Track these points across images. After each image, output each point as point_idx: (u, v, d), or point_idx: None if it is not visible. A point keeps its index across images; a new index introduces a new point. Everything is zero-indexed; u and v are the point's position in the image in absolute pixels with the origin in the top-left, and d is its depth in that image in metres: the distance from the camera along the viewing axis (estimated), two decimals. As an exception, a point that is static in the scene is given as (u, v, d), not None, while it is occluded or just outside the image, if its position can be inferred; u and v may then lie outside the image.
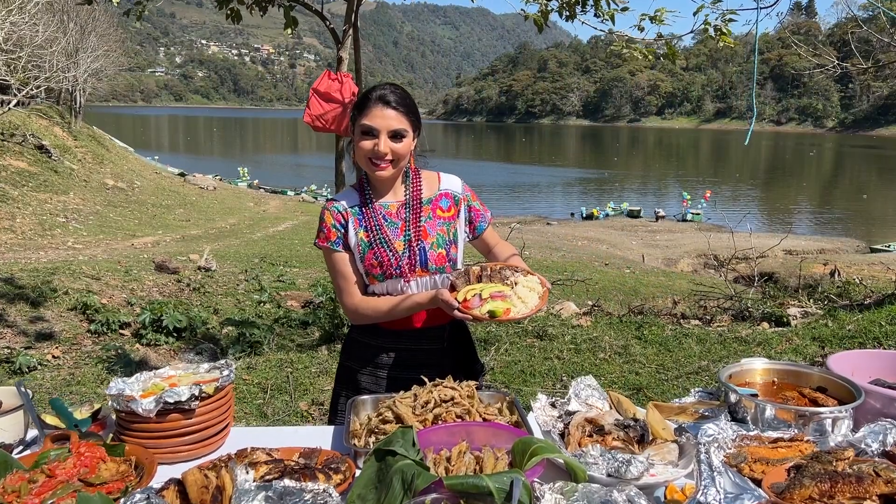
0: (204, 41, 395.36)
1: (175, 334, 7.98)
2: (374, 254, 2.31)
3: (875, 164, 68.36)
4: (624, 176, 54.01)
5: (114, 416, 1.81)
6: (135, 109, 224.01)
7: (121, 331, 8.10)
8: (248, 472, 1.35)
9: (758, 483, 1.47)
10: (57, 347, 7.39)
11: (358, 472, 1.59)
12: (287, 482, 1.39)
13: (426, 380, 2.01)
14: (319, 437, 1.94)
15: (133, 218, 19.62)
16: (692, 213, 31.58)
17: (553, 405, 1.97)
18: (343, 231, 2.36)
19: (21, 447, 1.78)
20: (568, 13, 4.82)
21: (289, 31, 5.42)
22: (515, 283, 2.12)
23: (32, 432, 1.84)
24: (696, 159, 79.09)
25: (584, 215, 32.28)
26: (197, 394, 1.72)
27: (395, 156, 2.26)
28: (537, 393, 2.02)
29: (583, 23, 4.89)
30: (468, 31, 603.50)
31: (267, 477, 1.47)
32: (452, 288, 2.18)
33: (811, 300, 6.81)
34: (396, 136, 2.24)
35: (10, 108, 19.37)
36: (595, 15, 4.85)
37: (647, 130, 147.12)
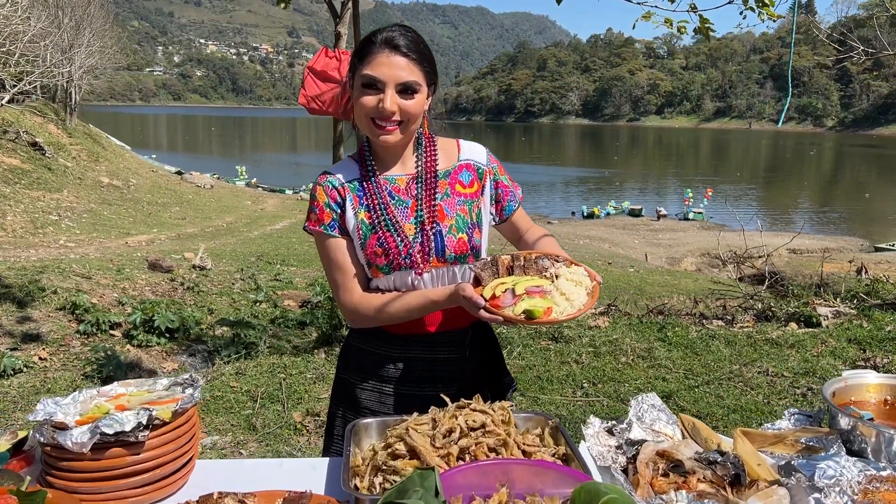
0: (202, 40, 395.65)
1: (167, 335, 7.67)
2: (378, 239, 1.88)
3: (876, 164, 68.20)
4: (624, 175, 53.68)
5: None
6: (133, 109, 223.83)
7: (111, 331, 7.79)
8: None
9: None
10: (44, 349, 7.07)
11: (360, 528, 1.18)
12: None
13: (447, 399, 1.58)
14: (310, 473, 1.51)
15: (128, 216, 19.24)
16: (694, 212, 31.31)
17: (610, 432, 1.54)
18: (339, 211, 1.92)
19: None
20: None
21: (282, 5, 5.01)
22: (557, 276, 1.69)
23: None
24: (697, 158, 78.85)
25: (585, 214, 31.95)
26: (146, 421, 1.29)
27: (404, 116, 1.80)
28: (589, 417, 1.59)
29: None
30: (467, 31, 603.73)
31: (235, 540, 1.06)
32: (477, 282, 1.75)
33: (837, 299, 6.42)
34: (406, 90, 1.78)
35: (2, 105, 18.98)
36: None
37: (646, 129, 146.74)
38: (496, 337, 2.16)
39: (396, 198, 1.92)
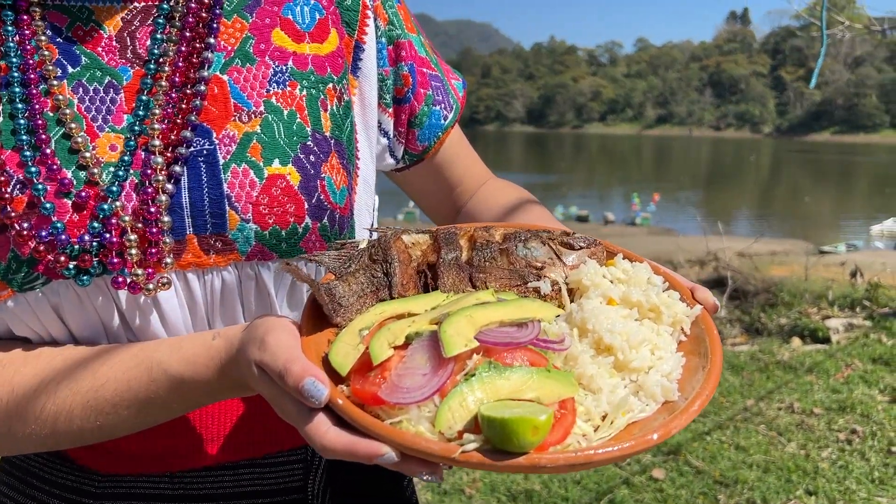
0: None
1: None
2: None
3: (812, 168, 70.25)
4: (571, 181, 53.54)
5: None
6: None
7: None
8: None
9: None
10: None
11: None
12: None
13: None
14: None
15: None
16: (641, 217, 31.19)
17: None
18: None
19: None
20: None
21: None
22: (579, 291, 0.60)
23: None
24: (641, 164, 79.82)
25: (533, 220, 31.32)
26: None
27: None
28: None
29: None
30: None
31: None
32: (316, 316, 0.53)
33: (834, 306, 5.59)
34: None
35: None
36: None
37: (590, 136, 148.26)
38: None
39: (86, 58, 0.69)
